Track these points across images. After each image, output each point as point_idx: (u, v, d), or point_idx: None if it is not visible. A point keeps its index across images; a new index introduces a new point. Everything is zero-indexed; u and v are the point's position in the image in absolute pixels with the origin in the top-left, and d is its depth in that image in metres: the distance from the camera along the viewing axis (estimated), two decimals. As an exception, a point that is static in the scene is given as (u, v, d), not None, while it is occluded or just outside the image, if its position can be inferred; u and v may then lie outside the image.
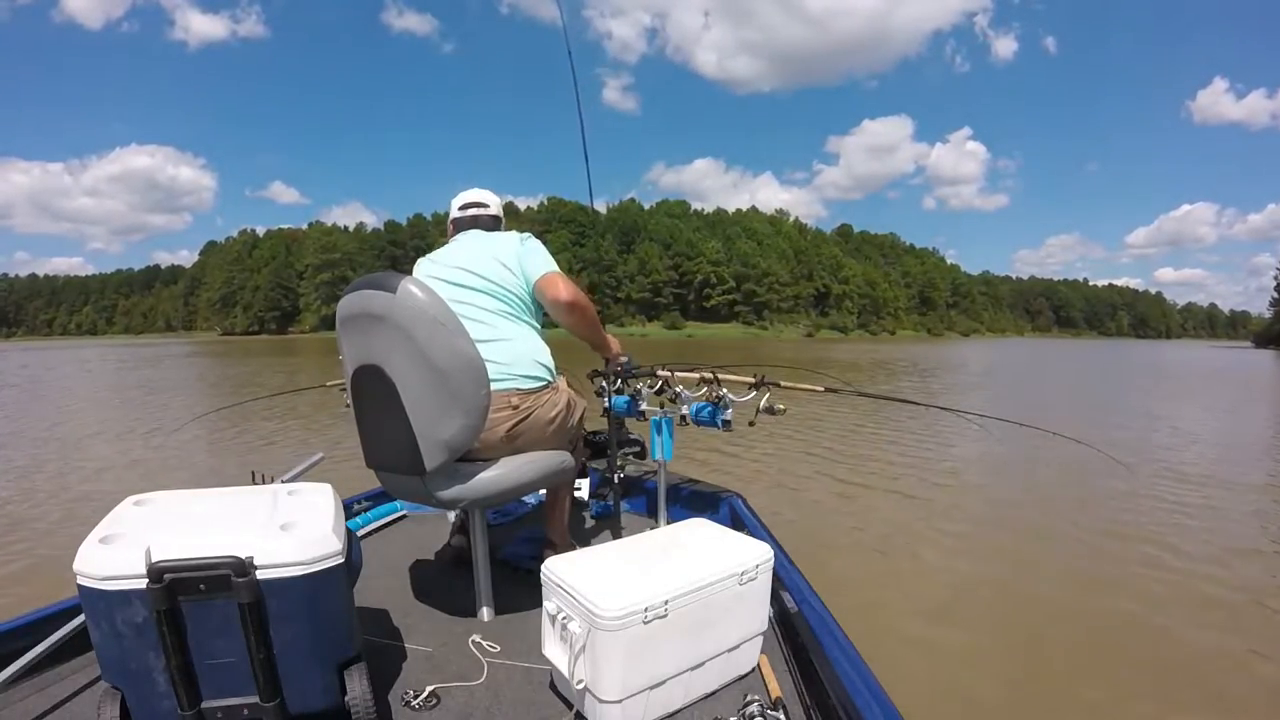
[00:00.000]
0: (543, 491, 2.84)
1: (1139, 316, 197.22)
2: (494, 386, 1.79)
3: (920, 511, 5.64)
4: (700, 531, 1.74)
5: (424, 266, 2.17)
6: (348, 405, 2.01)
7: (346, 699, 1.32)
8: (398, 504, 2.85)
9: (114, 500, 1.41)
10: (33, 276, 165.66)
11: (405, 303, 1.65)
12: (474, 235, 2.23)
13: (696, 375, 2.43)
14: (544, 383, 1.99)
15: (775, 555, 1.64)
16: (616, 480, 2.58)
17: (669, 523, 2.33)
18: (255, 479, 2.04)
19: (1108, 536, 4.96)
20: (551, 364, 2.05)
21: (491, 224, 2.31)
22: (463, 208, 2.33)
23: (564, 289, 2.06)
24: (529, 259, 2.08)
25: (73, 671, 1.58)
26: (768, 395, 2.24)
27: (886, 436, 9.10)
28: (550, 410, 1.99)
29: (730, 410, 2.30)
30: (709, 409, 2.33)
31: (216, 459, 7.83)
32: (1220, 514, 5.55)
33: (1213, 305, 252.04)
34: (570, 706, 1.46)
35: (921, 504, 5.87)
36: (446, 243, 2.30)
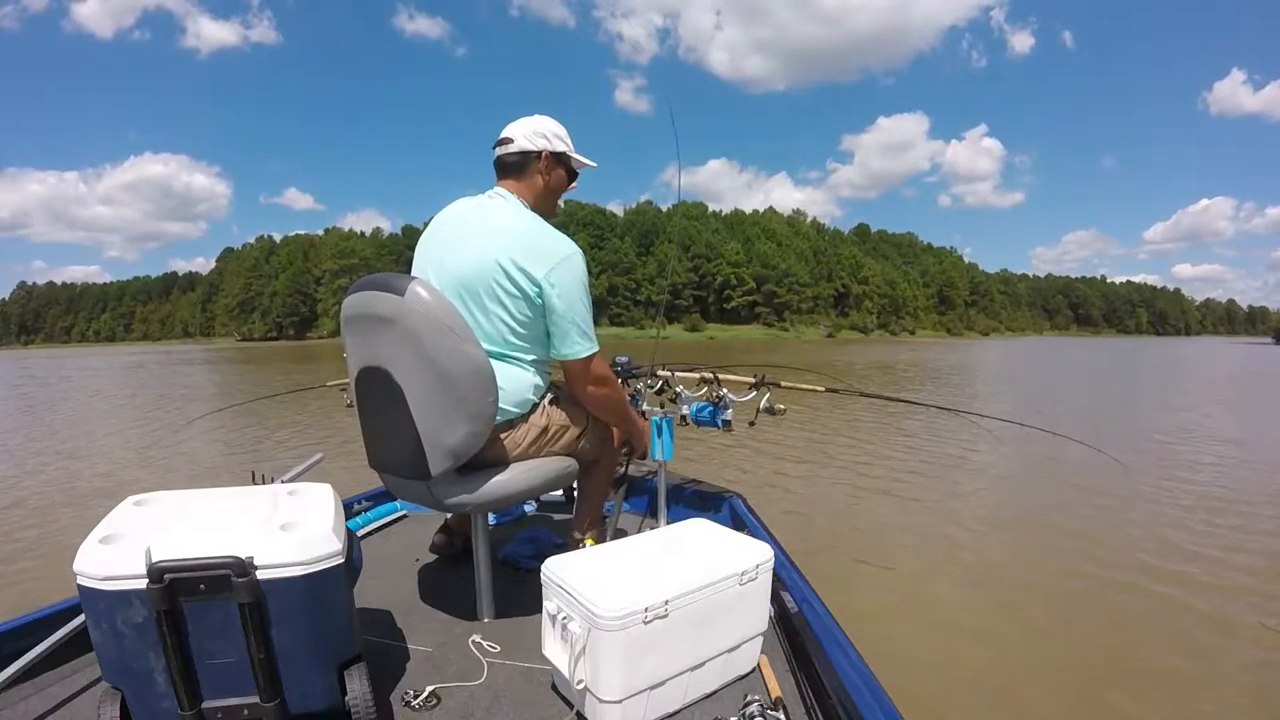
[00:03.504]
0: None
1: (1158, 313, 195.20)
2: None
3: (929, 516, 5.62)
4: (700, 531, 1.73)
5: (425, 245, 1.94)
6: (349, 404, 2.01)
7: (346, 699, 1.32)
8: (398, 504, 2.85)
9: (114, 500, 1.42)
10: (51, 284, 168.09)
11: (413, 306, 1.63)
12: (501, 213, 1.88)
13: (696, 375, 2.43)
14: (515, 415, 1.84)
15: (775, 555, 1.63)
16: (616, 480, 2.58)
17: (669, 523, 2.32)
18: (255, 479, 2.05)
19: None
20: (529, 394, 1.86)
21: (516, 164, 1.94)
22: (495, 145, 1.98)
23: (590, 383, 1.88)
24: (561, 322, 1.79)
25: (73, 671, 1.59)
26: (768, 395, 2.23)
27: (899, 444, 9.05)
28: (528, 436, 1.86)
29: (730, 410, 2.30)
30: (709, 409, 2.33)
31: (217, 459, 7.93)
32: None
33: (1231, 301, 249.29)
34: (571, 706, 1.46)
35: (930, 508, 5.85)
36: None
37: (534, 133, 1.94)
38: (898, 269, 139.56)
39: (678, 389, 2.45)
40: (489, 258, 1.76)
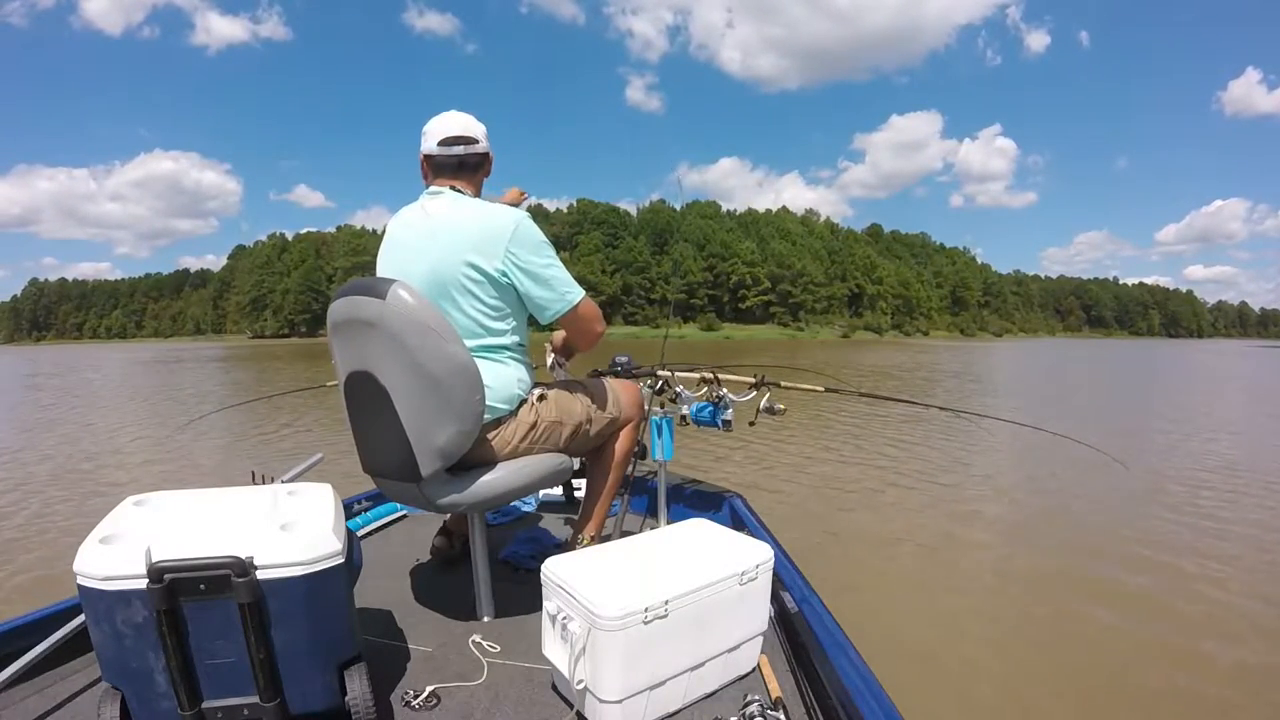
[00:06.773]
0: (541, 492, 2.82)
1: (1170, 315, 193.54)
2: None
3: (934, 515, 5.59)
4: (700, 531, 1.73)
5: (384, 259, 1.92)
6: None
7: (346, 699, 1.32)
8: (397, 504, 2.85)
9: (114, 500, 1.42)
10: (62, 281, 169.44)
11: (395, 309, 1.63)
12: (446, 208, 1.85)
13: (696, 375, 2.43)
14: (504, 412, 1.83)
15: (775, 555, 1.63)
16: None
17: (669, 523, 2.32)
18: (255, 479, 2.04)
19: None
20: (515, 389, 1.85)
21: (477, 164, 1.95)
22: (444, 143, 1.90)
23: (595, 321, 1.96)
24: (539, 283, 1.81)
25: (73, 671, 1.60)
26: (768, 395, 2.23)
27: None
28: (518, 433, 1.85)
29: (730, 410, 2.30)
30: (709, 409, 2.33)
31: (216, 459, 7.96)
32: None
33: (1243, 303, 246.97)
34: (570, 706, 1.46)
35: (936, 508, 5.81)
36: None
37: (484, 134, 1.97)
38: (911, 269, 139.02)
39: (677, 389, 2.45)
40: (452, 254, 1.78)
